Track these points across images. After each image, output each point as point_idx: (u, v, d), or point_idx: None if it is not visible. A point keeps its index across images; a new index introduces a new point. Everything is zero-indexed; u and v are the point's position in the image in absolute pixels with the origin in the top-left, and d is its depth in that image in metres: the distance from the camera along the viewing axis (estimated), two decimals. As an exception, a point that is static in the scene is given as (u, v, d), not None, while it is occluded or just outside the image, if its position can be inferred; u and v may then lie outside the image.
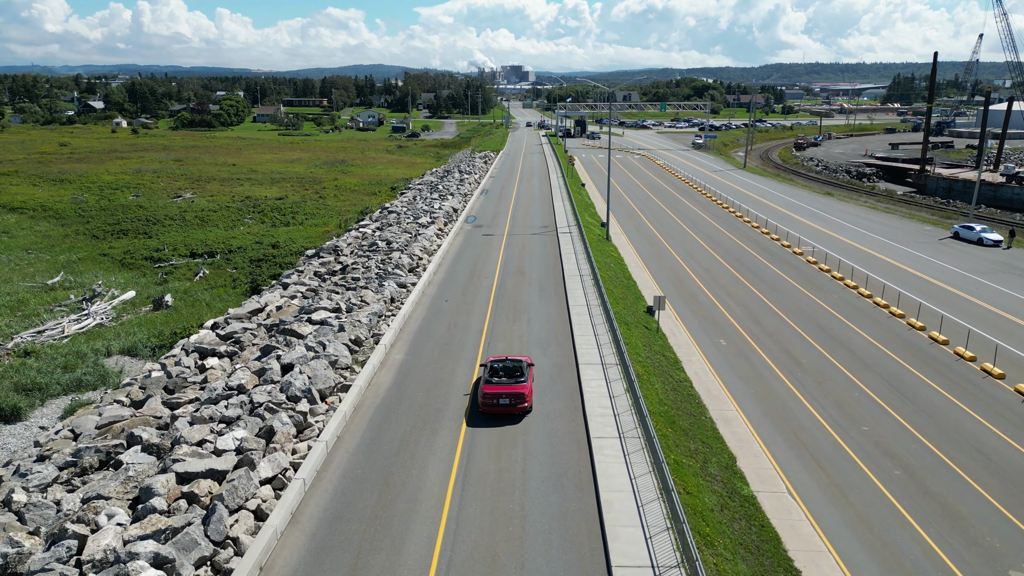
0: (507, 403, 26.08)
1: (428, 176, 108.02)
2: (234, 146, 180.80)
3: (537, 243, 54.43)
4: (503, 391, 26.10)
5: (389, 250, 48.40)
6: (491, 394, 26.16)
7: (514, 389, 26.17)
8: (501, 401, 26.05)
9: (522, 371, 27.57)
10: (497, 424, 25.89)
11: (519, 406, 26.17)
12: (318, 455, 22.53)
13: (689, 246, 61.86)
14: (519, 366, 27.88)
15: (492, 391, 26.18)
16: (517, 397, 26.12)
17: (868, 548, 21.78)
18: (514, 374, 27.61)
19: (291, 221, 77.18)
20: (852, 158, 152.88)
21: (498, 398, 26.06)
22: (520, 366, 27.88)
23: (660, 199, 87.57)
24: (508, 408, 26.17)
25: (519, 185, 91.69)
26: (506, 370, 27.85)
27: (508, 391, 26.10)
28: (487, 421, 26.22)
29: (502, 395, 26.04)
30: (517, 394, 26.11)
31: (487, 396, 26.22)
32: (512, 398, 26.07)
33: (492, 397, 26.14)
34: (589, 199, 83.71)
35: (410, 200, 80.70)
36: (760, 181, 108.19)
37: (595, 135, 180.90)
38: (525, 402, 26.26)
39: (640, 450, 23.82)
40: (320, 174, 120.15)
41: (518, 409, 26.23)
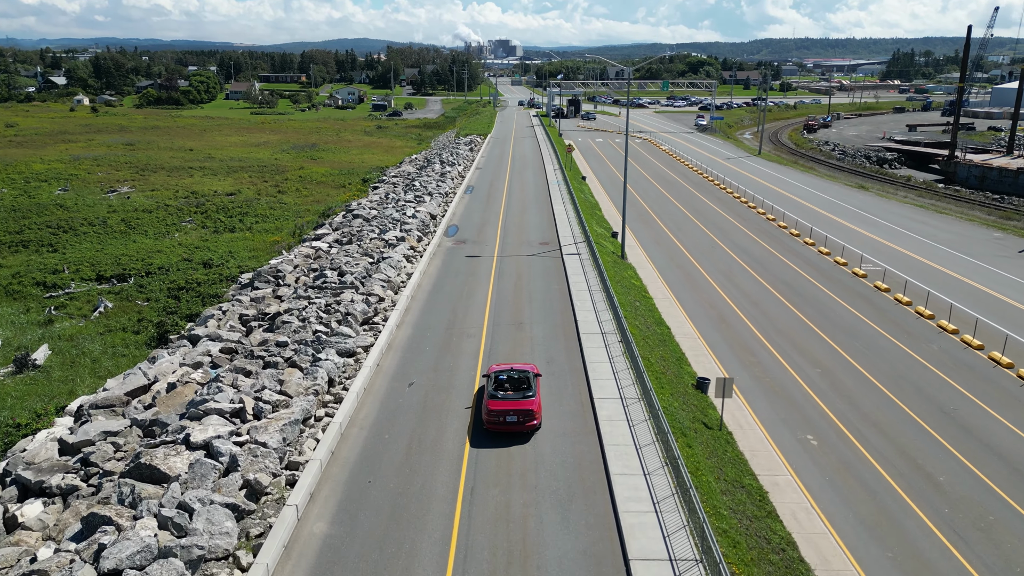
0: (515, 421, 24.04)
1: (406, 165, 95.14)
2: (199, 127, 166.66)
3: (537, 271, 42.06)
4: (510, 407, 23.99)
5: (340, 286, 35.91)
6: (497, 411, 23.97)
7: (522, 405, 24.07)
8: (508, 419, 24.00)
9: (529, 383, 25.26)
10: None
11: (528, 424, 24.17)
12: None
13: (724, 265, 49.83)
14: (526, 377, 25.54)
15: (498, 407, 24.00)
16: (526, 414, 24.06)
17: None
18: (520, 387, 25.28)
19: (238, 226, 64.41)
20: (869, 141, 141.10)
21: (505, 415, 23.96)
22: (527, 377, 25.51)
23: (675, 196, 75.35)
24: (516, 426, 24.09)
25: (510, 179, 79.06)
26: (512, 382, 25.46)
27: (516, 407, 23.98)
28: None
29: (509, 412, 23.95)
30: (526, 411, 24.05)
31: (492, 413, 24.03)
32: (520, 415, 24.01)
33: (498, 415, 23.98)
34: (593, 197, 71.29)
35: (381, 199, 68.05)
36: (780, 171, 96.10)
37: (590, 115, 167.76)
38: (534, 419, 24.28)
39: None
40: (286, 161, 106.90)
41: (527, 427, 24.22)
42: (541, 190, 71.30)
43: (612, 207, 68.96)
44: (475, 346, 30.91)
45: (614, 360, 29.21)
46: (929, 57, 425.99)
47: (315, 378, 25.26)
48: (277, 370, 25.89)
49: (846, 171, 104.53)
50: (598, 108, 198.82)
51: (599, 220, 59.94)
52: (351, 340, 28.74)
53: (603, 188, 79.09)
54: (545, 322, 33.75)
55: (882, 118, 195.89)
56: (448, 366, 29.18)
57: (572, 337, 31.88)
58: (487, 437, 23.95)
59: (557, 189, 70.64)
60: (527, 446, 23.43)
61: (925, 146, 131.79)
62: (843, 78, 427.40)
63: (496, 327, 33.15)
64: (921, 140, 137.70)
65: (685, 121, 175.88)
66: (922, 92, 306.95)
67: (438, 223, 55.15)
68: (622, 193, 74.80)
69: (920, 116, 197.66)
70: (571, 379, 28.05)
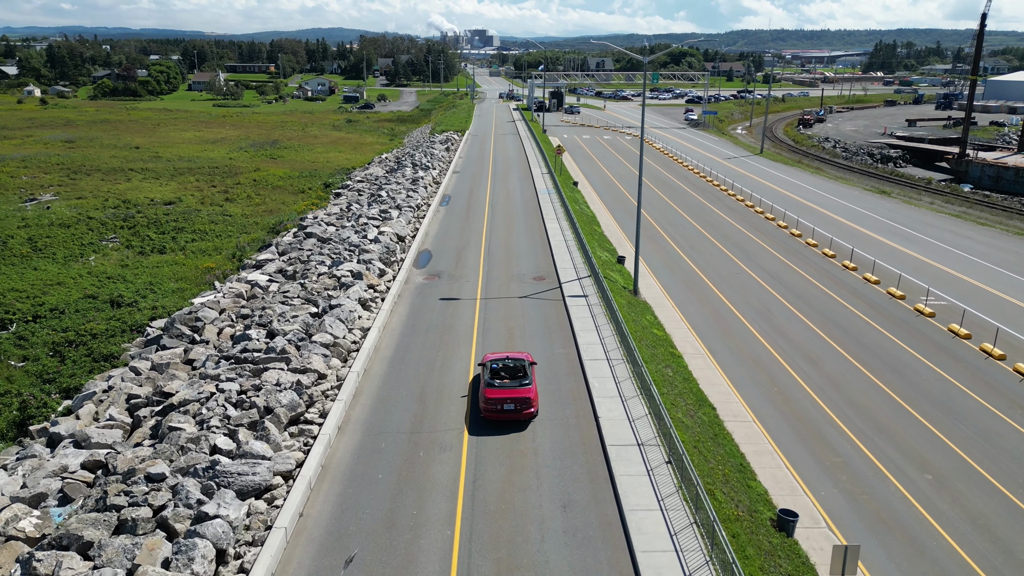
0: (512, 409, 23.83)
1: (375, 166, 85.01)
2: (153, 120, 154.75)
3: (534, 325, 32.16)
4: (507, 395, 23.88)
5: (267, 357, 25.99)
6: (494, 399, 23.87)
7: (519, 393, 23.96)
8: (506, 407, 23.81)
9: (525, 371, 25.27)
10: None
11: (525, 412, 23.96)
12: None
13: (757, 300, 40.69)
14: (521, 365, 25.44)
15: (496, 396, 23.92)
16: (523, 402, 23.90)
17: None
18: (517, 375, 25.25)
19: (169, 245, 54.09)
20: (869, 137, 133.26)
21: (502, 403, 23.85)
22: (522, 365, 25.44)
23: (681, 205, 66.17)
24: (514, 415, 23.87)
25: (493, 186, 69.28)
26: (507, 370, 25.40)
27: (513, 395, 23.89)
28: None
29: (506, 400, 23.85)
30: (523, 399, 23.90)
31: (490, 402, 23.91)
32: (517, 403, 23.85)
33: (496, 403, 23.87)
34: (589, 209, 61.75)
35: (342, 211, 58.05)
36: (787, 173, 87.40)
37: (574, 109, 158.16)
38: (531, 407, 24.05)
39: None
40: (241, 161, 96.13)
41: (524, 415, 23.99)
42: (529, 201, 61.62)
43: (611, 220, 59.61)
44: (452, 470, 20.91)
45: (664, 501, 19.47)
46: (911, 49, 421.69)
47: (190, 559, 15.47)
48: (132, 538, 16.06)
49: (856, 172, 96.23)
50: (581, 101, 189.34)
51: (600, 239, 50.47)
52: (263, 467, 18.93)
53: (598, 195, 69.66)
54: (553, 423, 23.97)
55: (875, 111, 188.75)
56: (409, 518, 18.84)
57: (596, 454, 21.83)
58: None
59: (548, 199, 61.02)
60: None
61: (930, 142, 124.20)
62: (825, 70, 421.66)
63: (483, 430, 23.40)
64: (925, 136, 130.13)
65: (673, 115, 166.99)
66: (907, 84, 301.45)
67: (407, 247, 45.26)
68: (620, 201, 65.59)
69: (914, 110, 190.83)
70: (604, 550, 18.06)
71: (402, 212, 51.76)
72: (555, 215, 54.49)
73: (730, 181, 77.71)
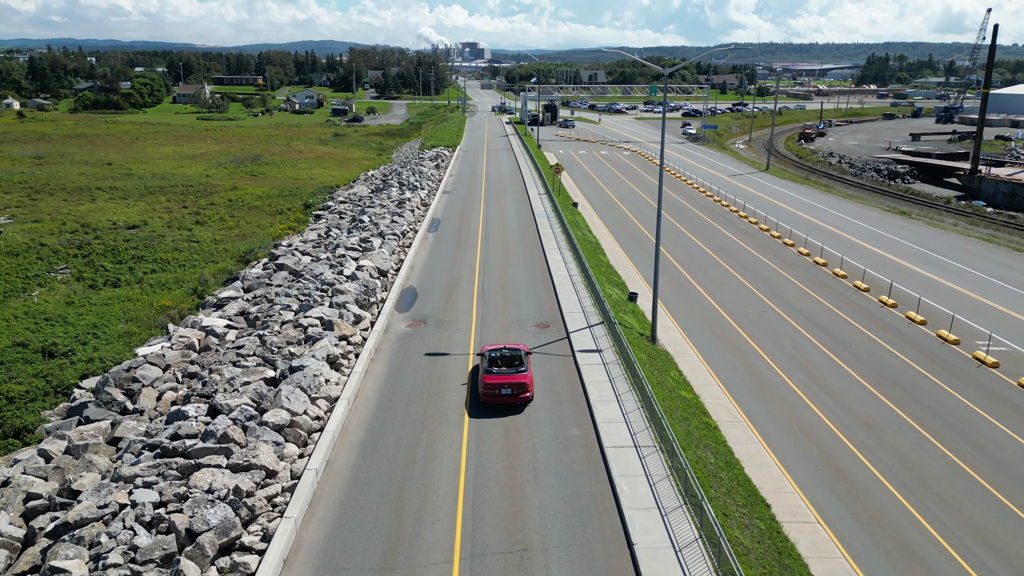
0: (509, 393, 25.31)
1: (360, 185, 79.60)
2: (132, 134, 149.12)
3: (540, 392, 26.29)
4: (505, 381, 25.36)
5: (202, 449, 20.32)
6: (493, 384, 25.36)
7: (516, 379, 25.44)
8: (503, 391, 25.29)
9: (521, 360, 26.62)
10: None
11: (521, 396, 25.45)
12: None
13: (793, 346, 35.38)
14: (518, 355, 26.88)
15: (494, 381, 25.40)
16: (519, 387, 25.38)
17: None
18: (513, 363, 26.65)
19: (125, 277, 48.41)
20: (874, 152, 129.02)
21: (500, 388, 25.29)
22: (519, 355, 26.86)
23: (691, 229, 61.00)
24: (511, 398, 25.36)
25: (486, 209, 63.89)
26: (504, 359, 26.80)
27: (510, 381, 25.37)
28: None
29: (504, 385, 25.31)
30: (519, 383, 25.38)
31: (488, 386, 25.41)
32: (514, 388, 25.33)
33: (494, 387, 25.33)
34: (592, 234, 56.41)
35: (320, 237, 52.57)
36: (797, 191, 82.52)
37: (569, 122, 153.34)
38: (527, 391, 25.57)
39: None
40: (219, 178, 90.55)
41: (520, 399, 25.49)
42: (527, 226, 56.22)
43: (616, 246, 54.33)
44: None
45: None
46: (903, 61, 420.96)
47: None
48: None
49: (868, 189, 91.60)
50: (575, 114, 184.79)
51: (607, 271, 45.08)
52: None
53: (599, 218, 64.42)
54: (572, 554, 18.27)
55: (874, 125, 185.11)
56: None
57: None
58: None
59: (547, 223, 55.68)
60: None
61: (938, 157, 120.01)
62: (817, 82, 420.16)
63: (478, 563, 17.72)
64: (932, 151, 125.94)
65: (670, 129, 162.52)
66: (902, 97, 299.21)
67: (390, 283, 39.72)
68: (624, 224, 60.06)
69: (914, 123, 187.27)
70: None
71: (385, 241, 46.25)
72: (556, 243, 49.11)
73: (740, 201, 72.68)
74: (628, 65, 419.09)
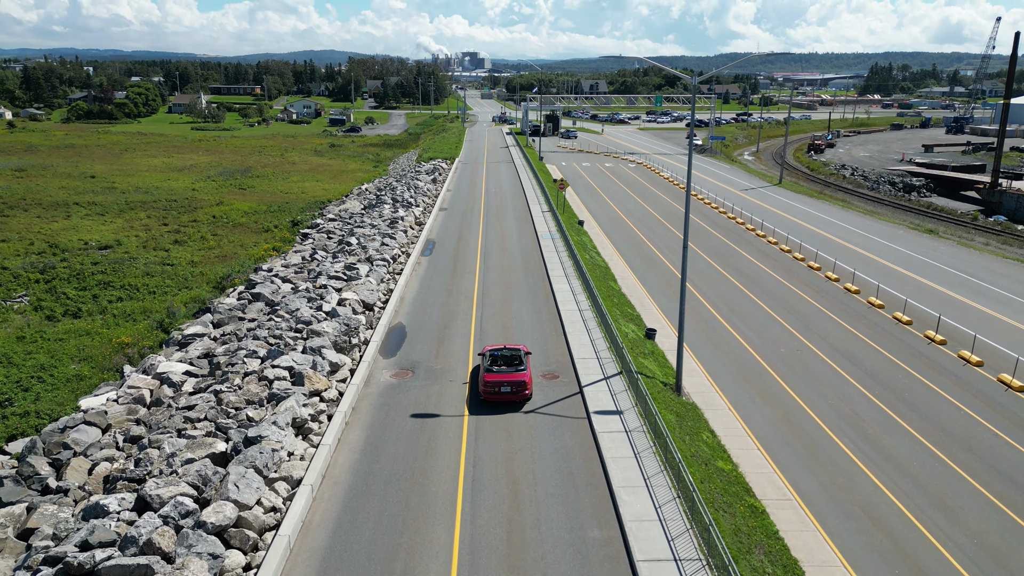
0: (509, 391, 25.99)
1: (352, 200, 75.20)
2: (123, 145, 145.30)
3: (549, 474, 21.31)
4: (504, 379, 25.99)
5: (123, 569, 15.81)
6: (493, 382, 25.96)
7: (515, 377, 26.06)
8: (503, 389, 25.93)
9: (521, 359, 27.20)
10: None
11: (521, 393, 26.10)
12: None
13: (837, 394, 30.85)
14: (517, 355, 27.41)
15: (494, 379, 26.00)
16: (519, 385, 26.01)
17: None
18: (513, 362, 27.20)
19: (87, 307, 43.93)
20: (887, 164, 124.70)
21: (500, 386, 25.94)
22: (519, 354, 27.41)
23: (706, 250, 56.51)
24: (510, 396, 26.03)
25: (486, 229, 59.39)
26: (505, 359, 27.32)
27: (509, 379, 26.00)
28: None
29: (503, 383, 25.93)
30: (519, 382, 26.01)
31: (489, 384, 26.06)
32: (514, 386, 25.97)
33: (494, 385, 25.95)
34: (600, 257, 51.91)
35: (304, 261, 48.07)
36: (814, 207, 78.12)
37: (571, 133, 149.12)
38: (527, 389, 26.22)
39: None
40: (206, 192, 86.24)
41: (520, 396, 26.13)
42: (530, 249, 51.68)
43: (626, 269, 49.84)
44: None
45: None
46: (906, 71, 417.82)
47: None
48: None
49: (886, 204, 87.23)
50: (577, 124, 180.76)
51: (620, 301, 40.53)
52: None
53: (607, 237, 59.94)
54: None
55: (883, 136, 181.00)
56: None
57: None
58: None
59: (551, 245, 51.18)
60: None
61: (954, 170, 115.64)
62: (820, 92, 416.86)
63: None
64: (947, 163, 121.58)
65: (675, 139, 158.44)
66: (906, 107, 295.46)
67: (375, 319, 35.15)
68: (633, 244, 55.13)
69: (923, 134, 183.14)
70: None
71: (373, 267, 41.71)
72: (562, 269, 44.55)
73: (757, 219, 68.22)
74: (630, 75, 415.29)
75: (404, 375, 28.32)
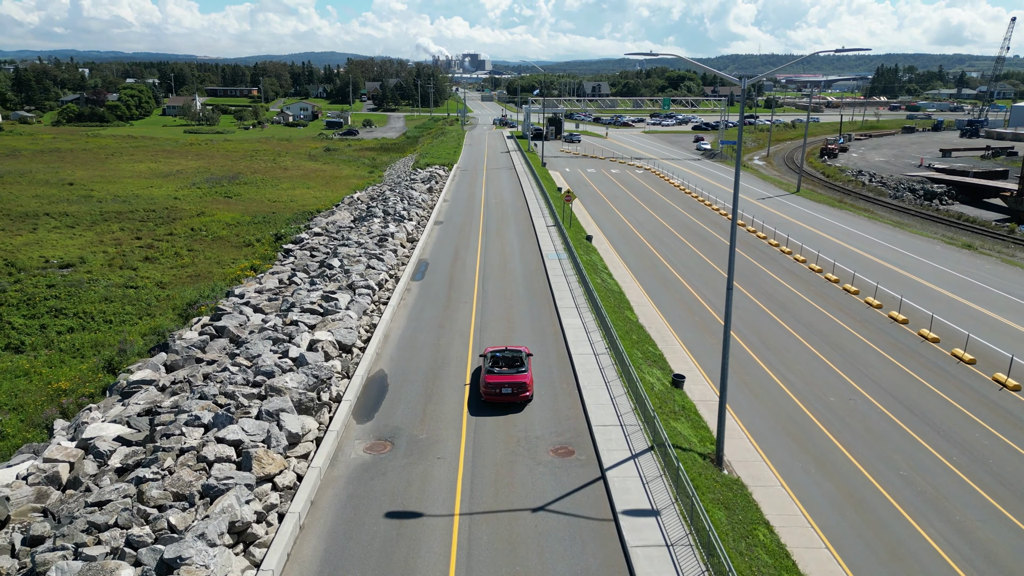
0: (509, 392, 26.13)
1: (342, 210, 70.01)
2: (111, 149, 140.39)
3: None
4: (505, 380, 26.14)
5: None
6: (494, 383, 26.13)
7: (516, 379, 26.21)
8: (504, 390, 26.08)
9: (522, 361, 27.34)
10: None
11: (521, 395, 26.25)
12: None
13: (911, 463, 25.60)
14: (519, 356, 27.61)
15: (495, 380, 26.17)
16: (519, 386, 26.16)
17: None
18: (514, 364, 27.34)
19: (31, 339, 38.67)
20: (904, 169, 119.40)
21: (501, 387, 26.07)
22: (520, 356, 27.60)
23: (736, 276, 51.25)
24: (511, 397, 26.17)
25: (485, 247, 54.13)
26: (506, 360, 27.48)
27: (510, 380, 26.14)
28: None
29: (504, 384, 26.07)
30: (519, 383, 26.17)
31: (490, 385, 26.19)
32: (514, 387, 26.12)
33: (495, 386, 26.12)
34: (612, 279, 46.55)
35: (281, 284, 42.77)
36: (838, 217, 72.89)
37: (574, 137, 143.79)
38: (527, 391, 26.37)
39: None
40: (189, 201, 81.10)
41: (520, 398, 26.29)
42: (534, 271, 46.33)
43: (642, 293, 44.54)
44: None
45: None
46: (912, 73, 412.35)
47: None
48: None
49: (912, 215, 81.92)
50: (580, 127, 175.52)
51: (639, 337, 35.16)
52: None
53: (618, 254, 54.68)
54: None
55: (895, 139, 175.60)
56: None
57: None
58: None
59: (558, 268, 45.86)
60: None
61: (976, 176, 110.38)
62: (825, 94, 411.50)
63: None
64: (968, 169, 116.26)
65: (681, 143, 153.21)
66: (914, 109, 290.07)
67: (353, 364, 29.80)
68: (647, 262, 48.65)
69: (936, 137, 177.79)
70: None
71: (355, 297, 36.42)
72: (572, 298, 39.22)
73: (781, 234, 62.94)
74: (632, 76, 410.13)
75: (381, 448, 23.00)
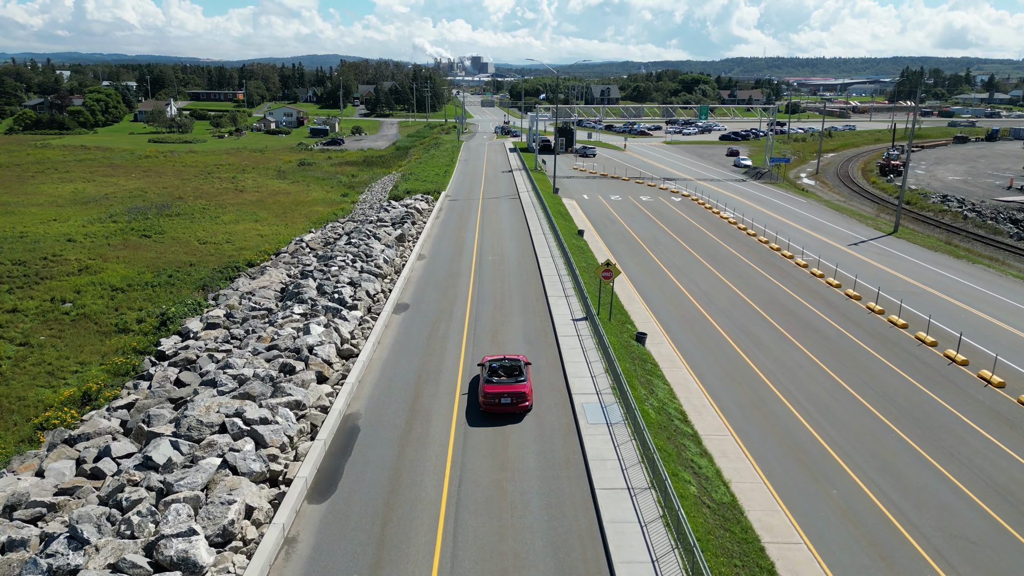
0: (508, 402, 25.56)
1: (276, 268, 49.37)
2: (51, 162, 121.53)
3: None
4: (504, 390, 25.58)
5: None
6: (493, 393, 25.56)
7: (515, 388, 25.66)
8: (503, 400, 25.52)
9: (521, 370, 26.86)
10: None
11: (520, 405, 25.69)
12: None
13: None
14: (517, 365, 27.12)
15: (494, 390, 25.62)
16: (518, 396, 25.62)
17: None
18: (513, 373, 26.86)
19: None
20: (991, 192, 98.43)
21: (500, 397, 25.51)
22: (518, 365, 27.11)
23: (852, 382, 30.33)
24: (510, 407, 25.60)
25: (471, 334, 33.40)
26: (504, 369, 27.06)
27: (509, 390, 25.58)
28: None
29: (503, 394, 25.52)
30: (518, 393, 25.62)
31: (489, 395, 25.63)
32: (514, 397, 25.58)
33: (494, 396, 25.55)
34: (682, 412, 25.78)
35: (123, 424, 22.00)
36: (969, 276, 52.21)
37: (588, 150, 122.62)
38: (526, 400, 25.82)
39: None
40: (88, 243, 60.81)
41: (520, 408, 25.72)
42: (560, 452, 25.51)
43: (755, 468, 23.86)
44: None
45: None
46: (938, 76, 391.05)
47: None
48: None
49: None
50: (593, 137, 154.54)
51: None
52: None
53: (687, 363, 33.93)
54: None
55: (950, 152, 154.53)
56: None
57: None
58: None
59: (608, 439, 24.97)
60: None
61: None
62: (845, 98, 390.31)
63: None
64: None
65: (711, 156, 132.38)
66: (947, 115, 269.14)
67: None
68: (738, 381, 25.74)
69: (999, 149, 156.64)
70: None
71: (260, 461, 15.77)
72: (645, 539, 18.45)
73: (920, 315, 42.19)
74: (642, 79, 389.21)
75: None
